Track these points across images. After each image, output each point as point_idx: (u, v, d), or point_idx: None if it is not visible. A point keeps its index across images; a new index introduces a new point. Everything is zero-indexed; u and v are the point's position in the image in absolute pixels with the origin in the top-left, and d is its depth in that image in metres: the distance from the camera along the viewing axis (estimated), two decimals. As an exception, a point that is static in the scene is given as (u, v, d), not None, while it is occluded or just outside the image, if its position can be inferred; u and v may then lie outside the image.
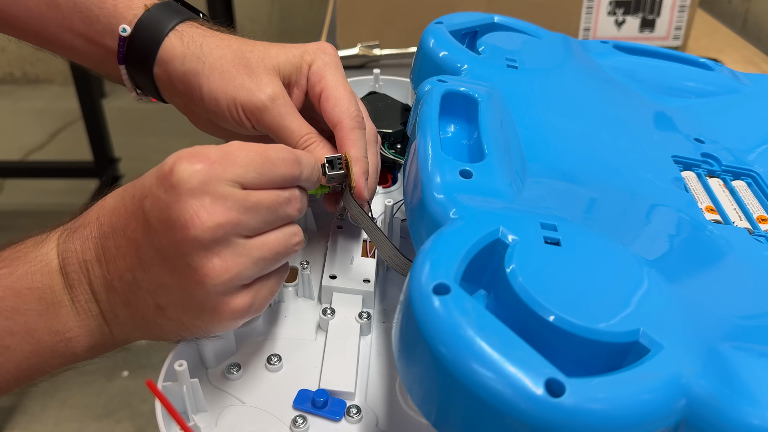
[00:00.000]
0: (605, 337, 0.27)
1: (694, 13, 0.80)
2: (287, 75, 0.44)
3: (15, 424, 1.25)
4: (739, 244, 0.37)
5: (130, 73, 0.46)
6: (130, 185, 0.35)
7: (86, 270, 0.34)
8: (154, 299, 0.33)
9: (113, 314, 0.34)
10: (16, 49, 2.32)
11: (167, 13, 0.44)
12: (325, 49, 0.45)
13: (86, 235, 0.34)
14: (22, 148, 2.09)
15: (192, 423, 0.34)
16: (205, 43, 0.44)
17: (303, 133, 0.42)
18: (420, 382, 0.27)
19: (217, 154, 0.32)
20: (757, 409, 0.25)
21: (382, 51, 0.80)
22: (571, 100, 0.48)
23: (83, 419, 1.26)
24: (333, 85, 0.43)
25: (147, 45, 0.44)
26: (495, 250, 0.31)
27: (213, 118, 0.45)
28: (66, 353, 0.35)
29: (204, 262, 0.32)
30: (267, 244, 0.34)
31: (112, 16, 0.44)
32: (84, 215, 0.36)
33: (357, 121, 0.42)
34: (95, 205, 0.36)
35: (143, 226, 0.32)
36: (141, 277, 0.33)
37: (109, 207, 0.35)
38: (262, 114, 0.42)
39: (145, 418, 1.26)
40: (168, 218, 0.31)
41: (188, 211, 0.31)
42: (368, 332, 0.42)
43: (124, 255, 0.33)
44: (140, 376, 1.34)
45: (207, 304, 0.33)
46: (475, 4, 0.77)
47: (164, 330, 0.35)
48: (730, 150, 0.47)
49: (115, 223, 0.34)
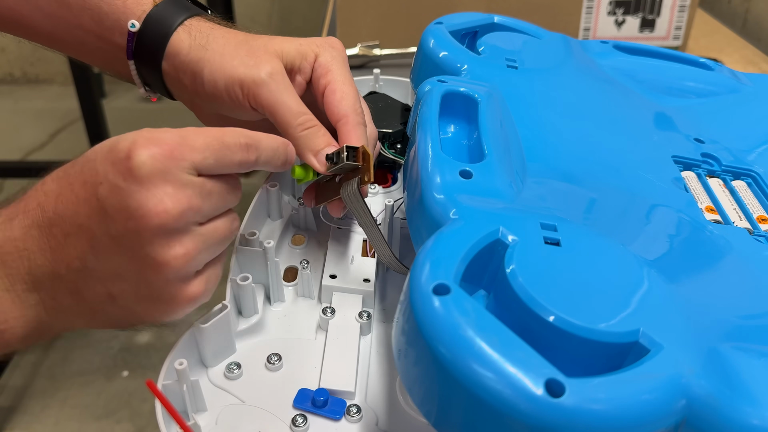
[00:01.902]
0: (605, 338, 0.27)
1: (694, 13, 0.80)
2: (291, 60, 0.43)
3: (15, 424, 1.25)
4: (739, 244, 0.37)
5: (139, 69, 0.46)
6: (72, 168, 0.33)
7: (27, 259, 0.33)
8: (106, 288, 0.33)
9: (56, 303, 0.34)
10: (16, 49, 2.32)
11: (176, 9, 0.45)
12: (333, 43, 0.45)
13: (28, 223, 0.33)
14: (22, 148, 2.08)
15: (192, 422, 0.34)
16: (212, 35, 0.44)
17: (302, 112, 0.41)
18: (420, 382, 0.27)
19: (174, 140, 0.32)
20: (757, 409, 0.25)
21: (382, 51, 0.80)
22: (571, 101, 0.48)
23: (83, 419, 1.26)
24: (341, 80, 0.43)
25: (156, 40, 0.44)
26: (495, 251, 0.31)
27: (214, 105, 0.44)
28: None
29: (165, 250, 0.31)
30: (218, 229, 0.34)
31: (121, 13, 0.45)
32: (21, 202, 0.34)
33: (361, 117, 0.42)
34: (33, 190, 0.34)
35: (98, 213, 0.31)
36: (93, 266, 0.32)
37: (53, 193, 0.33)
38: (260, 89, 0.41)
39: (145, 418, 1.26)
40: (128, 207, 0.31)
41: (151, 200, 0.31)
42: (368, 332, 0.42)
43: (73, 243, 0.32)
44: (140, 376, 1.34)
45: (164, 293, 0.33)
46: (475, 4, 0.77)
47: (111, 318, 0.34)
48: (730, 150, 0.47)
49: (63, 210, 0.32)
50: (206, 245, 0.33)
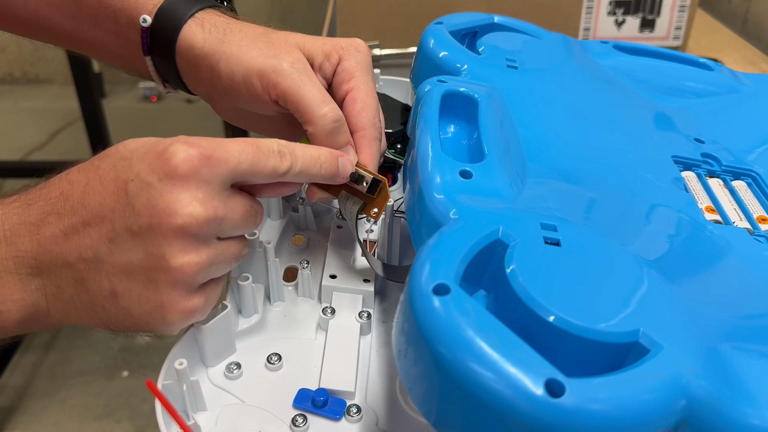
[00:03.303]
0: (605, 338, 0.27)
1: (694, 13, 0.80)
2: (312, 56, 0.42)
3: (15, 424, 1.25)
4: (739, 245, 0.37)
5: (156, 64, 0.46)
6: (104, 162, 0.33)
7: (37, 243, 0.33)
8: (111, 284, 0.33)
9: (58, 291, 0.33)
10: (16, 49, 2.31)
11: (187, 1, 0.44)
12: (359, 47, 0.43)
13: (48, 210, 0.33)
14: (22, 148, 2.08)
15: (192, 422, 0.34)
16: (228, 29, 0.43)
17: (327, 101, 0.39)
18: (420, 382, 0.27)
19: (211, 145, 0.32)
20: (757, 410, 0.25)
21: (382, 51, 0.80)
22: (571, 101, 0.48)
23: (83, 419, 1.26)
24: (364, 89, 0.42)
25: (167, 33, 0.44)
26: (495, 251, 0.31)
27: (231, 98, 0.43)
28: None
29: (181, 254, 0.32)
30: (230, 248, 0.35)
31: (134, 9, 0.44)
32: (44, 189, 0.34)
33: (379, 131, 0.42)
34: (57, 179, 0.34)
35: (124, 207, 0.32)
36: (105, 258, 0.32)
37: (79, 183, 0.33)
38: (280, 78, 0.39)
39: (145, 418, 1.26)
40: (156, 205, 0.31)
41: (180, 201, 0.31)
42: (368, 332, 0.42)
43: (91, 233, 0.32)
44: (140, 376, 1.34)
45: (167, 298, 0.33)
46: (475, 4, 0.77)
47: (108, 317, 0.34)
48: (730, 150, 0.47)
49: (88, 201, 0.33)
50: (218, 260, 0.34)
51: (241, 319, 0.40)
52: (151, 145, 0.32)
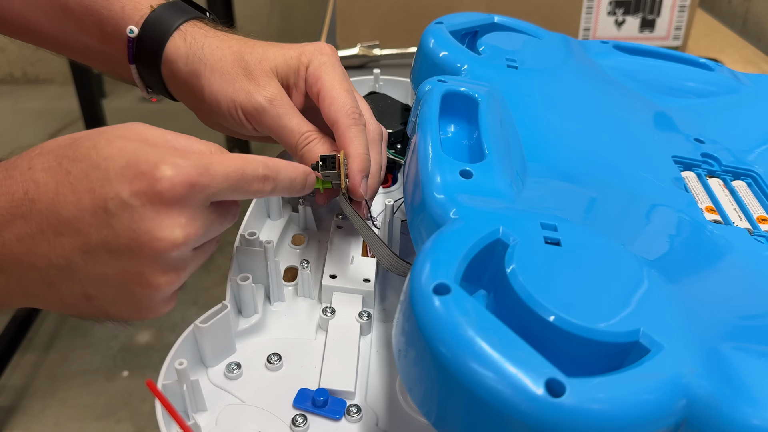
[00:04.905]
0: (605, 337, 0.27)
1: (694, 13, 0.80)
2: (285, 77, 0.44)
3: (15, 424, 1.25)
4: (739, 245, 0.37)
5: (141, 72, 0.47)
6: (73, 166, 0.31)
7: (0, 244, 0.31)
8: (84, 288, 0.32)
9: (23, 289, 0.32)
10: (16, 49, 2.31)
11: (172, 13, 0.45)
12: (322, 49, 0.45)
13: (12, 211, 0.31)
14: (22, 148, 2.07)
15: (192, 422, 0.34)
16: (207, 44, 0.44)
17: (302, 131, 0.43)
18: (420, 382, 0.27)
19: (197, 169, 0.31)
20: (757, 409, 0.25)
21: (382, 51, 0.80)
22: (571, 101, 0.48)
23: (83, 419, 1.26)
24: (329, 86, 0.43)
25: (153, 45, 0.45)
26: (495, 250, 0.31)
27: (216, 118, 0.45)
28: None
29: (160, 275, 0.32)
30: (205, 253, 0.35)
31: (120, 18, 0.45)
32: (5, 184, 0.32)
33: (353, 118, 0.42)
34: (18, 172, 0.32)
35: (102, 225, 0.31)
36: (79, 267, 0.31)
37: (47, 187, 0.31)
38: (261, 116, 0.43)
39: (145, 418, 1.26)
40: (137, 228, 0.30)
41: (163, 229, 0.31)
42: (368, 332, 0.42)
43: (63, 243, 0.31)
44: (140, 376, 1.34)
45: (144, 305, 0.33)
46: (475, 4, 0.77)
47: (80, 311, 0.34)
48: (730, 150, 0.47)
49: (62, 211, 0.31)
50: (194, 267, 0.35)
51: (241, 319, 0.40)
52: (130, 158, 0.31)
